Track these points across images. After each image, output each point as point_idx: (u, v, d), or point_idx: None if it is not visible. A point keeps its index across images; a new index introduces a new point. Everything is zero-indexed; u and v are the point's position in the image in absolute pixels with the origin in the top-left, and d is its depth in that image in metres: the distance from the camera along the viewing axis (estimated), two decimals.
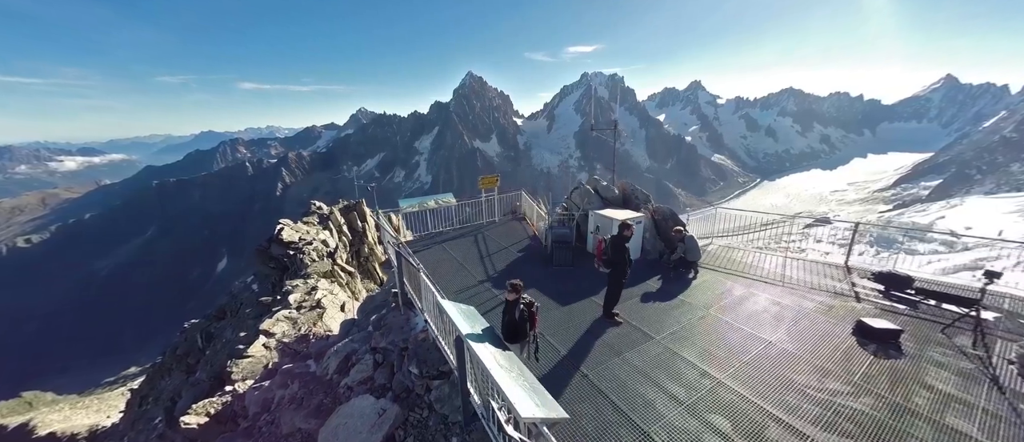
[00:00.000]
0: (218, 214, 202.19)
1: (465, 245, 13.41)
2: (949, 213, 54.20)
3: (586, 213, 12.80)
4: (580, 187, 14.29)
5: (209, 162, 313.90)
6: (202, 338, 16.03)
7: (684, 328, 7.98)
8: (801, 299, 9.02)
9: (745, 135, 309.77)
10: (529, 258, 12.34)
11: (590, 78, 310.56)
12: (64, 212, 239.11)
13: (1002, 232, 42.69)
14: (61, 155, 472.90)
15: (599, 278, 9.60)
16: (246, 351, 11.35)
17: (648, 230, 12.15)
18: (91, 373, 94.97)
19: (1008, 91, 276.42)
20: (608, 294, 8.26)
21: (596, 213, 12.12)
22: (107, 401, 25.45)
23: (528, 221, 15.48)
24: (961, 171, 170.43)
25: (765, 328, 7.88)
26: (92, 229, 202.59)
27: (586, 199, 13.67)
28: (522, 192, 16.26)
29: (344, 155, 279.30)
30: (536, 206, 15.18)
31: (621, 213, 11.69)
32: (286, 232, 17.96)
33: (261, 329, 12.10)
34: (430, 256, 12.41)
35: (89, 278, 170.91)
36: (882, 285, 9.29)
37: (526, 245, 13.39)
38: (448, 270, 11.36)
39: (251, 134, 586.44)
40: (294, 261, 16.81)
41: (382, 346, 8.02)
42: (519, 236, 14.26)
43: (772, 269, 10.87)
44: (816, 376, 6.38)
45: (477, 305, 8.63)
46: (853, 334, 7.46)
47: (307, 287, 14.85)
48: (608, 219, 11.39)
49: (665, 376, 6.52)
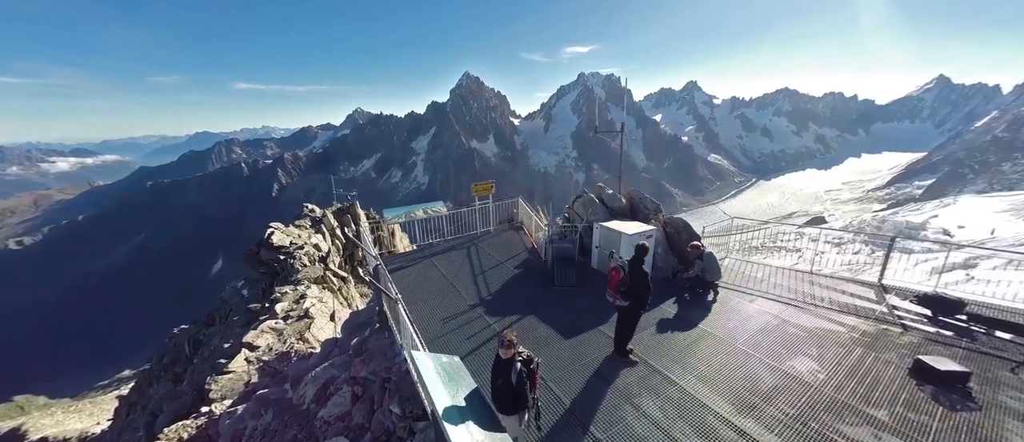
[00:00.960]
0: (213, 215, 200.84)
1: (456, 259, 12.25)
2: (942, 212, 54.70)
3: (590, 225, 11.61)
4: (583, 196, 12.98)
5: (204, 163, 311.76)
6: (190, 345, 15.60)
7: (710, 368, 6.87)
8: (838, 327, 7.97)
9: (741, 135, 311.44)
10: (527, 276, 11.14)
11: (587, 78, 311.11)
12: (57, 214, 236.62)
13: (994, 231, 43.16)
14: (53, 156, 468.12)
15: (608, 301, 9.03)
16: (227, 365, 10.81)
17: (660, 244, 10.98)
18: (85, 376, 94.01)
19: (999, 91, 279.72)
20: (622, 329, 7.13)
21: (602, 226, 10.90)
22: (100, 405, 25.18)
23: (526, 231, 14.27)
24: (954, 170, 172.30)
25: (805, 367, 6.79)
26: (85, 231, 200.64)
27: (590, 209, 12.42)
28: (519, 199, 15.06)
29: (340, 155, 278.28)
30: (534, 215, 14.00)
31: (630, 226, 10.54)
32: (277, 236, 17.46)
33: (244, 342, 11.55)
34: (417, 273, 11.36)
35: (82, 280, 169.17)
36: (928, 309, 8.15)
37: (524, 259, 12.18)
38: (435, 291, 10.22)
39: (246, 135, 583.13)
40: (285, 266, 16.35)
41: (362, 376, 7.42)
42: (516, 249, 12.99)
43: (798, 288, 9.80)
44: (872, 431, 5.41)
45: (467, 336, 8.09)
46: (910, 375, 6.34)
47: (296, 294, 14.21)
48: (615, 233, 10.34)
49: (693, 434, 5.55)
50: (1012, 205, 49.65)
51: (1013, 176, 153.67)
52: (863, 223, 60.78)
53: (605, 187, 13.35)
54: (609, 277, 6.84)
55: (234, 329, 13.86)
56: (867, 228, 54.21)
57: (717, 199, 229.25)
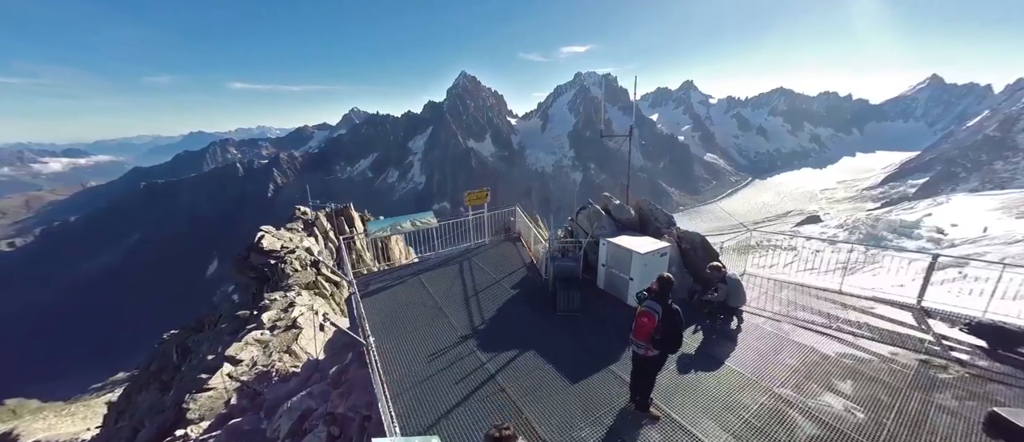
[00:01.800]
0: (208, 216, 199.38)
1: (448, 277, 11.21)
2: (936, 211, 55.23)
3: (596, 241, 10.53)
4: (588, 208, 11.83)
5: (199, 163, 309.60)
6: (177, 352, 15.19)
7: (746, 424, 5.83)
8: (887, 363, 7.03)
9: (737, 134, 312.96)
10: (526, 298, 10.00)
11: (584, 78, 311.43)
12: (49, 215, 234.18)
13: (986, 229, 43.61)
14: (45, 156, 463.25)
15: (619, 329, 7.63)
16: (208, 381, 10.16)
17: (673, 262, 9.87)
18: (78, 379, 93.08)
19: (991, 91, 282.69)
20: (646, 381, 6.02)
21: (610, 243, 9.78)
22: (93, 408, 24.90)
23: (524, 243, 13.19)
24: (946, 169, 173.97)
25: (853, 418, 5.83)
26: (78, 232, 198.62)
27: (595, 222, 11.31)
28: (516, 208, 13.85)
29: (337, 155, 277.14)
30: (533, 226, 12.87)
31: (641, 242, 9.42)
32: (267, 240, 17.00)
33: (226, 355, 10.95)
34: (403, 295, 10.25)
35: (75, 282, 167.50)
36: (984, 341, 7.18)
37: (522, 277, 11.16)
38: (422, 318, 9.08)
39: (242, 134, 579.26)
40: (275, 271, 15.77)
41: (340, 412, 6.82)
42: (513, 263, 11.96)
43: (829, 311, 8.90)
44: None
45: (457, 379, 6.97)
46: (984, 431, 5.36)
47: (284, 302, 13.58)
48: (625, 250, 9.22)
49: None
50: (1004, 204, 50.19)
51: (1005, 175, 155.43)
52: (858, 221, 61.21)
53: (612, 197, 12.18)
54: (636, 324, 5.72)
55: (222, 337, 13.45)
56: (862, 227, 54.67)
57: (713, 198, 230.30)
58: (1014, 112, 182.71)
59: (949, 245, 40.36)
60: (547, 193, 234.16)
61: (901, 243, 46.78)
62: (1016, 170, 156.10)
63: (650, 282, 6.03)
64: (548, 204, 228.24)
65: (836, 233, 61.27)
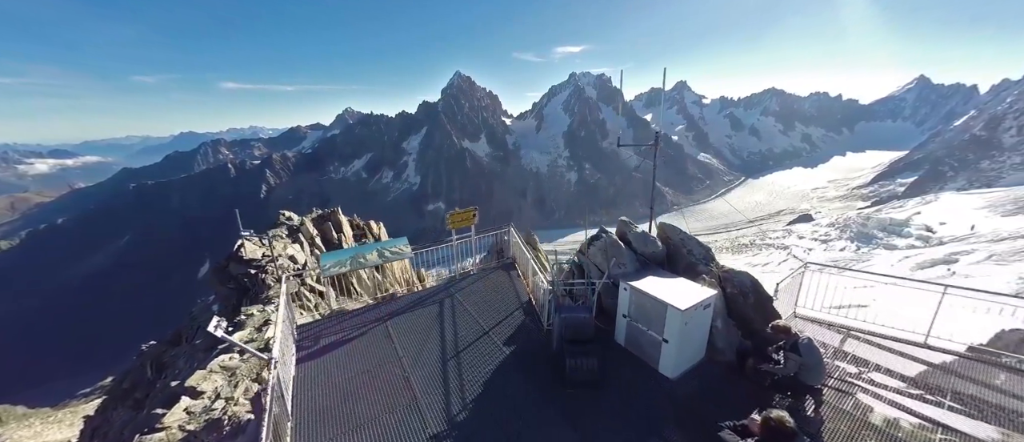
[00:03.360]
0: (199, 218, 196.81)
1: (422, 325, 8.98)
2: (925, 209, 56.12)
3: (615, 283, 8.21)
4: (602, 238, 9.33)
5: (189, 164, 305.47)
6: (152, 368, 14.22)
7: None
8: None
9: (730, 134, 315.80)
10: (522, 360, 7.74)
11: (578, 78, 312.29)
12: (35, 217, 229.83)
13: (974, 227, 44.39)
14: (31, 157, 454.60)
15: (652, 420, 6.08)
16: (163, 419, 8.65)
17: (718, 314, 7.55)
18: (67, 384, 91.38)
19: (977, 91, 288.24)
20: None
21: (635, 289, 7.41)
22: (80, 415, 24.41)
23: (520, 272, 10.98)
24: (934, 168, 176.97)
25: None
26: (66, 234, 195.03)
27: (611, 255, 8.80)
28: (511, 228, 11.71)
29: (330, 156, 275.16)
30: (533, 259, 10.28)
31: (678, 290, 7.14)
32: (247, 247, 15.88)
33: (187, 386, 9.49)
34: (359, 354, 8.06)
35: (63, 285, 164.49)
36: None
37: (518, 324, 8.84)
38: (376, 404, 6.74)
39: (233, 135, 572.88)
40: (255, 281, 14.68)
41: None
42: (506, 302, 9.68)
43: (933, 380, 6.56)
44: None
45: None
46: None
47: (261, 318, 12.20)
48: (657, 302, 6.92)
49: None
50: (990, 202, 51.12)
51: (991, 174, 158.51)
52: (849, 220, 61.95)
53: (631, 223, 9.62)
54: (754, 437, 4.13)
55: (197, 354, 12.48)
56: (853, 225, 55.41)
57: (707, 198, 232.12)
58: (999, 112, 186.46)
59: (938, 242, 40.98)
60: (542, 193, 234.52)
61: (891, 241, 47.42)
62: (1002, 169, 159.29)
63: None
64: (543, 204, 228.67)
65: (828, 231, 62.03)
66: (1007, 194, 58.37)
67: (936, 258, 34.07)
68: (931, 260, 33.96)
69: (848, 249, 54.94)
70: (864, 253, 47.95)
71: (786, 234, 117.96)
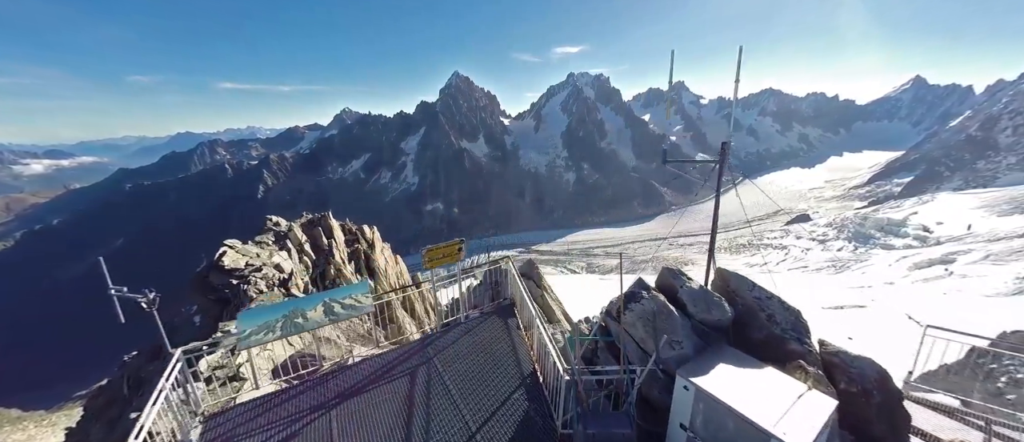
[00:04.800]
0: (196, 219, 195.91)
1: (382, 418, 6.26)
2: (921, 209, 56.38)
3: (666, 372, 5.80)
4: (643, 300, 6.24)
5: (186, 164, 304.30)
6: (128, 385, 13.16)
7: None
8: None
9: (728, 134, 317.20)
10: None
11: (576, 78, 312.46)
12: (30, 218, 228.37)
13: (970, 227, 44.56)
14: (26, 158, 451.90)
15: None
16: None
17: (831, 428, 4.79)
18: (61, 388, 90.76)
19: (973, 92, 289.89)
20: None
21: (703, 391, 4.89)
22: (74, 419, 24.20)
23: (520, 324, 8.16)
24: (930, 168, 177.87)
25: None
26: (61, 235, 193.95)
27: (653, 324, 5.97)
28: (510, 258, 9.13)
29: (328, 156, 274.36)
30: (538, 315, 7.24)
31: (777, 395, 4.72)
32: (229, 256, 14.78)
33: (140, 425, 7.26)
34: None
35: (59, 286, 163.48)
36: None
37: (519, 416, 6.05)
38: None
39: (231, 135, 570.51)
40: (237, 292, 13.46)
41: None
42: (503, 374, 6.88)
43: None
44: None
45: None
46: None
47: (233, 341, 8.83)
48: (749, 426, 4.44)
49: None
50: (986, 202, 51.38)
51: (986, 173, 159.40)
52: (846, 220, 62.15)
53: (683, 274, 6.67)
54: None
55: None
56: (851, 225, 55.62)
57: (705, 198, 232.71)
58: (995, 113, 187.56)
59: (935, 242, 41.14)
60: (540, 193, 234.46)
61: (889, 241, 47.55)
62: (998, 169, 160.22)
63: None
64: (541, 204, 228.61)
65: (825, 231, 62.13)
66: (1003, 194, 58.60)
67: (933, 258, 34.15)
68: (928, 260, 34.05)
69: (846, 249, 55.05)
70: (862, 253, 48.00)
71: (784, 234, 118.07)
